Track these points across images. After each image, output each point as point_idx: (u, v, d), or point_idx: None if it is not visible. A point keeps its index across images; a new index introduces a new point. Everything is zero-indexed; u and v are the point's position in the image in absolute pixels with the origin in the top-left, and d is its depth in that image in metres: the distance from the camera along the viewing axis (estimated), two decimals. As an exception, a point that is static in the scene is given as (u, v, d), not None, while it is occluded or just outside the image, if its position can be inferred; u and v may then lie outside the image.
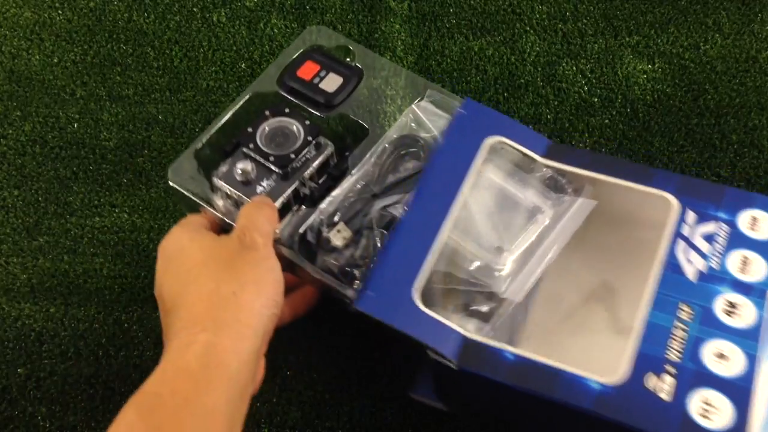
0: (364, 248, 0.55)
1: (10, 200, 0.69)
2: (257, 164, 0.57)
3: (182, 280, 0.50)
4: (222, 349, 0.46)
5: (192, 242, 0.52)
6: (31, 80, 0.76)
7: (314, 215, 0.56)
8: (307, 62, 0.63)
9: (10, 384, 0.61)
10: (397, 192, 0.57)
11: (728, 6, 0.81)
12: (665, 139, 0.72)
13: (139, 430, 0.43)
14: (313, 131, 0.58)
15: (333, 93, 0.62)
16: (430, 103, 0.61)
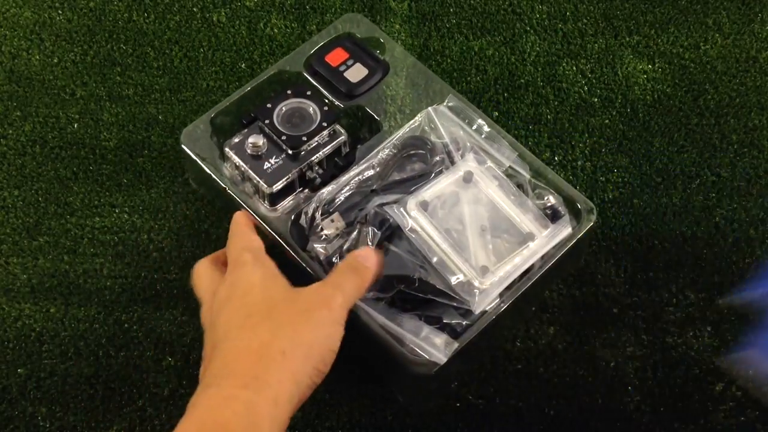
0: (353, 242, 0.55)
1: (10, 200, 0.69)
2: (270, 140, 0.58)
3: (240, 321, 0.48)
4: (260, 412, 0.45)
5: (264, 284, 0.50)
6: (31, 80, 0.76)
7: (313, 201, 0.56)
8: (337, 49, 0.63)
9: (10, 384, 0.61)
10: (397, 191, 0.57)
11: (728, 6, 0.81)
12: (665, 139, 0.72)
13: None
14: (330, 118, 0.59)
15: (355, 84, 0.62)
16: (448, 109, 0.61)
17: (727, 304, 0.64)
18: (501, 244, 0.55)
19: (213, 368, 0.46)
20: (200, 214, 0.68)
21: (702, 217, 0.68)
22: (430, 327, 0.52)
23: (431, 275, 0.53)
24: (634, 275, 0.66)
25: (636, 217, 0.68)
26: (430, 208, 0.56)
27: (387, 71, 0.63)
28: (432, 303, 0.53)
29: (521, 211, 0.56)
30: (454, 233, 0.55)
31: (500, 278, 0.54)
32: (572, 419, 0.59)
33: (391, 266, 0.54)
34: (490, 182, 0.57)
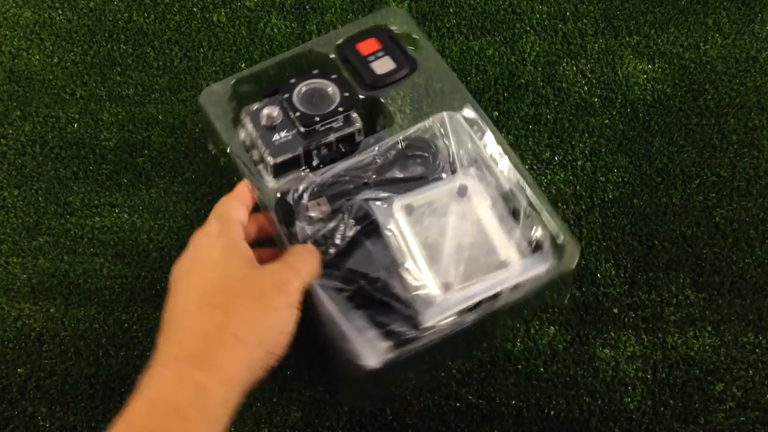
0: (331, 230, 0.55)
1: (10, 200, 0.69)
2: (285, 115, 0.58)
3: (197, 300, 0.49)
4: (212, 393, 0.46)
5: (224, 259, 0.50)
6: (31, 80, 0.76)
7: (304, 181, 0.56)
8: (370, 39, 0.63)
9: (10, 384, 0.61)
10: (389, 189, 0.56)
11: (728, 6, 0.81)
12: (665, 139, 0.72)
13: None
14: (348, 104, 0.59)
15: (380, 76, 0.62)
16: (463, 118, 0.60)
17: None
18: (474, 264, 0.54)
19: (167, 347, 0.47)
20: (200, 214, 0.68)
21: (702, 217, 0.68)
22: (377, 330, 0.52)
23: (394, 279, 0.53)
24: (634, 275, 0.66)
25: (636, 217, 0.68)
26: (416, 213, 0.55)
27: (414, 69, 0.62)
28: (387, 307, 0.53)
29: (505, 236, 0.55)
30: (431, 243, 0.54)
31: (461, 298, 0.52)
32: (572, 419, 0.59)
33: (359, 261, 0.54)
34: (482, 200, 0.56)
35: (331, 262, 0.54)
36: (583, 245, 0.67)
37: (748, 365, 0.62)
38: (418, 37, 0.64)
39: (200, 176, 0.70)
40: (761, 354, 0.62)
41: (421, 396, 0.60)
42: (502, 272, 0.53)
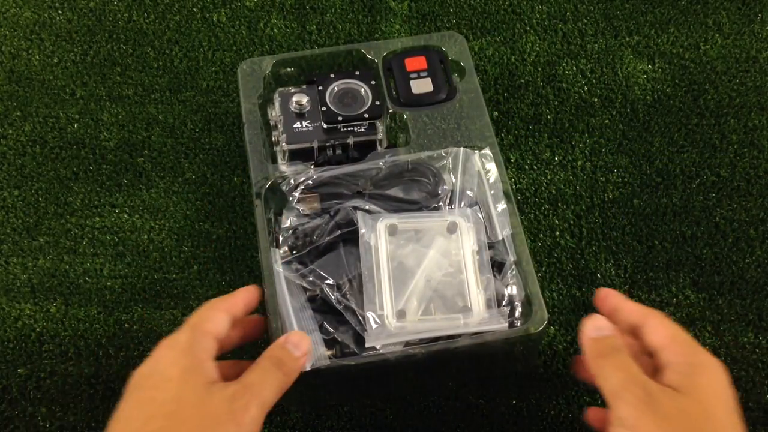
0: (313, 227, 0.55)
1: (10, 200, 0.69)
2: (313, 105, 0.59)
3: (141, 422, 0.44)
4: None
5: (181, 379, 0.45)
6: (31, 80, 0.76)
7: (302, 174, 0.56)
8: (420, 57, 0.63)
9: (10, 384, 0.61)
10: (381, 205, 0.56)
11: (728, 6, 0.81)
12: (665, 139, 0.72)
13: None
14: (375, 113, 0.59)
15: (415, 95, 0.62)
16: (477, 158, 0.58)
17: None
18: (437, 302, 0.53)
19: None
20: (200, 214, 0.68)
21: (702, 217, 0.68)
22: (322, 336, 0.51)
23: (354, 292, 0.52)
24: (634, 275, 0.66)
25: (636, 217, 0.68)
26: (399, 235, 0.54)
27: (451, 98, 0.62)
28: (340, 317, 0.52)
29: (478, 284, 0.53)
30: (402, 269, 0.53)
31: (411, 329, 0.51)
32: (572, 419, 0.59)
33: (328, 265, 0.53)
34: (469, 243, 0.54)
35: (304, 259, 0.54)
36: (583, 245, 0.67)
37: (748, 365, 0.62)
38: (467, 68, 0.64)
39: (200, 176, 0.70)
40: (761, 354, 0.62)
41: (421, 396, 0.60)
42: (462, 317, 0.52)
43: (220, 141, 0.72)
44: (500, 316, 0.52)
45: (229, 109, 0.74)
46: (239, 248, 0.66)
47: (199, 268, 0.66)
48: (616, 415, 0.45)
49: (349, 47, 0.65)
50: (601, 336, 0.49)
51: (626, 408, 0.45)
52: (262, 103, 0.62)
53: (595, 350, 0.48)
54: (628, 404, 0.45)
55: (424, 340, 0.51)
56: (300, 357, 0.48)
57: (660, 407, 0.44)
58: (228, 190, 0.69)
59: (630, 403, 0.45)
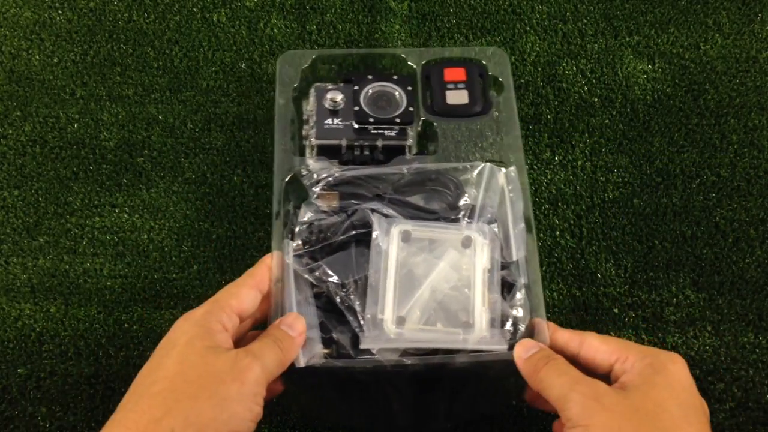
0: (328, 224, 0.54)
1: (10, 200, 0.69)
2: (347, 104, 0.59)
3: (143, 389, 0.45)
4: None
5: (187, 343, 0.45)
6: (31, 80, 0.76)
7: (325, 171, 0.56)
8: (460, 68, 0.63)
9: (10, 384, 0.61)
10: (398, 210, 0.55)
11: (728, 6, 0.81)
12: (665, 139, 0.72)
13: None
14: (407, 119, 0.59)
15: (448, 106, 0.62)
16: (503, 176, 0.57)
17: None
18: (439, 314, 0.52)
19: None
20: (200, 214, 0.68)
21: (702, 217, 0.68)
22: (321, 334, 0.51)
23: (358, 293, 0.52)
24: (634, 275, 0.66)
25: (636, 217, 0.68)
26: (412, 243, 0.53)
27: (485, 112, 0.62)
28: (341, 316, 0.52)
29: (484, 303, 0.52)
30: (410, 276, 0.53)
31: (408, 337, 0.50)
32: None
33: (337, 263, 0.53)
34: (481, 260, 0.53)
35: (316, 255, 0.53)
36: (583, 245, 0.67)
37: (748, 365, 0.62)
38: (506, 85, 0.63)
39: (200, 176, 0.70)
40: (761, 354, 0.62)
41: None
42: (462, 332, 0.51)
43: (220, 141, 0.72)
44: (502, 337, 0.51)
45: (229, 109, 0.74)
46: (239, 248, 0.66)
47: (199, 267, 0.66)
48: (566, 417, 0.45)
49: (390, 50, 0.66)
50: (533, 353, 0.49)
51: (575, 407, 0.44)
52: (297, 96, 0.62)
53: (532, 366, 0.48)
54: (576, 403, 0.45)
55: (421, 352, 0.51)
56: (295, 336, 0.48)
57: (609, 404, 0.44)
58: (228, 190, 0.69)
59: (578, 402, 0.45)
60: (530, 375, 0.48)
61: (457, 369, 0.51)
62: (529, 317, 0.52)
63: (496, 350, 0.51)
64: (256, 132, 0.73)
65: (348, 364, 0.50)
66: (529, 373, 0.48)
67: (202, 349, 0.45)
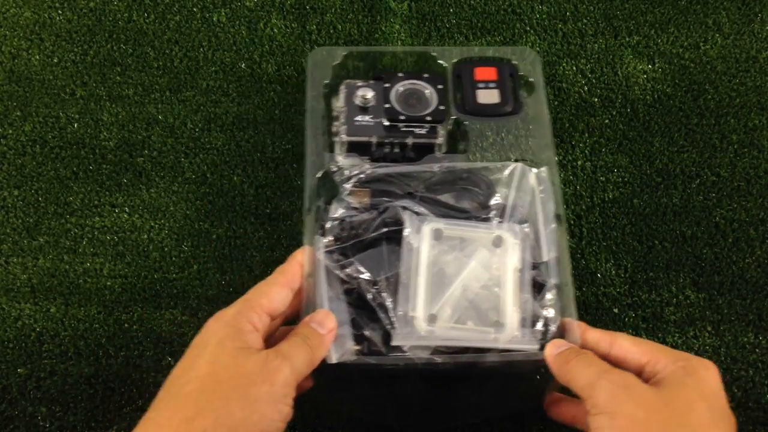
0: (359, 221, 0.54)
1: (10, 200, 0.69)
2: (378, 101, 0.60)
3: (176, 388, 0.45)
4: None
5: (218, 344, 0.46)
6: (31, 80, 0.76)
7: (356, 167, 0.56)
8: (491, 68, 0.63)
9: (10, 384, 0.61)
10: (429, 208, 0.55)
11: (728, 6, 0.81)
12: (665, 139, 0.72)
13: None
14: (438, 117, 0.59)
15: (479, 105, 0.61)
16: (535, 176, 0.57)
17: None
18: (471, 312, 0.52)
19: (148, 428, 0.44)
20: (200, 214, 0.68)
21: (702, 217, 0.68)
22: (353, 330, 0.51)
23: (389, 290, 0.52)
24: (634, 275, 0.66)
25: (636, 217, 0.68)
26: (443, 241, 0.53)
27: (516, 112, 0.62)
28: (372, 313, 0.52)
29: (514, 301, 0.52)
30: (441, 275, 0.53)
31: (440, 335, 0.50)
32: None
33: (368, 260, 0.53)
34: (512, 260, 0.53)
35: (346, 251, 0.53)
36: (583, 245, 0.67)
37: (748, 365, 0.62)
38: (537, 85, 0.63)
39: (200, 176, 0.70)
40: (761, 354, 0.62)
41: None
42: (494, 331, 0.51)
43: (220, 141, 0.72)
44: (533, 337, 0.51)
45: (229, 109, 0.74)
46: (239, 248, 0.66)
47: (199, 267, 0.66)
48: (592, 403, 0.45)
49: (421, 49, 0.66)
50: (563, 349, 0.49)
51: (603, 394, 0.44)
52: (328, 92, 0.62)
53: (561, 360, 0.48)
54: (604, 390, 0.44)
55: (451, 350, 0.51)
56: (325, 334, 0.48)
57: (638, 395, 0.44)
58: (228, 190, 0.69)
59: (606, 389, 0.44)
60: (559, 367, 0.48)
61: (487, 369, 0.51)
62: (559, 318, 0.52)
63: (527, 350, 0.51)
64: (256, 132, 0.73)
65: (380, 361, 0.50)
66: (558, 366, 0.48)
67: (233, 350, 0.45)
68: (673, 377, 0.46)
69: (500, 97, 0.62)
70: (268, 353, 0.46)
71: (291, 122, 0.73)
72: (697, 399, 0.45)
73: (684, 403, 0.44)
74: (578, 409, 0.53)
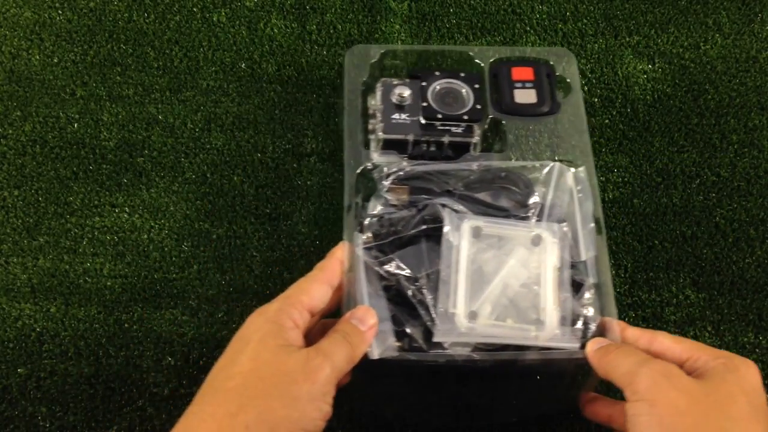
0: (398, 218, 0.54)
1: (10, 200, 0.69)
2: (414, 100, 0.60)
3: (219, 383, 0.46)
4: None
5: (260, 341, 0.46)
6: (31, 80, 0.76)
7: (395, 165, 0.57)
8: (528, 67, 0.63)
9: (11, 384, 0.61)
10: (468, 207, 0.55)
11: (728, 6, 0.81)
12: (665, 139, 0.72)
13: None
14: (475, 116, 0.60)
15: (517, 104, 0.62)
16: (572, 176, 0.57)
17: (727, 304, 0.64)
18: (510, 310, 0.52)
19: (193, 421, 0.45)
20: (200, 214, 0.68)
21: (702, 217, 0.68)
22: (393, 327, 0.51)
23: (430, 287, 0.52)
24: (634, 275, 0.66)
25: (636, 217, 0.68)
26: (482, 239, 0.53)
27: (553, 112, 0.62)
28: (413, 310, 0.52)
29: (554, 300, 0.52)
30: (481, 272, 0.53)
31: (481, 332, 0.50)
32: (573, 419, 0.59)
33: (408, 257, 0.53)
34: (551, 259, 0.53)
35: (384, 248, 0.54)
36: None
37: (748, 365, 0.62)
38: (574, 86, 0.63)
39: (200, 176, 0.70)
40: (761, 354, 0.62)
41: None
42: (534, 329, 0.51)
43: (220, 141, 0.72)
44: (573, 335, 0.51)
45: (229, 109, 0.74)
46: (239, 248, 0.66)
47: (199, 267, 0.66)
48: (633, 390, 0.45)
49: (458, 48, 0.66)
50: (604, 345, 0.49)
51: (644, 381, 0.44)
52: (364, 90, 0.63)
53: (602, 352, 0.49)
54: (646, 377, 0.45)
55: (491, 347, 0.51)
56: (366, 330, 0.49)
57: (679, 384, 0.44)
58: (228, 190, 0.69)
59: (648, 376, 0.45)
60: (599, 359, 0.48)
61: (527, 367, 0.52)
62: (599, 317, 0.52)
63: (567, 348, 0.51)
64: (256, 132, 0.73)
65: (421, 358, 0.50)
66: (599, 357, 0.48)
67: (275, 347, 0.46)
68: (714, 372, 0.46)
69: (537, 97, 0.62)
70: (309, 351, 0.46)
71: (291, 122, 0.73)
72: (738, 393, 0.45)
73: (725, 395, 0.44)
74: (615, 409, 0.53)
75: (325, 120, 0.73)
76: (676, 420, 0.43)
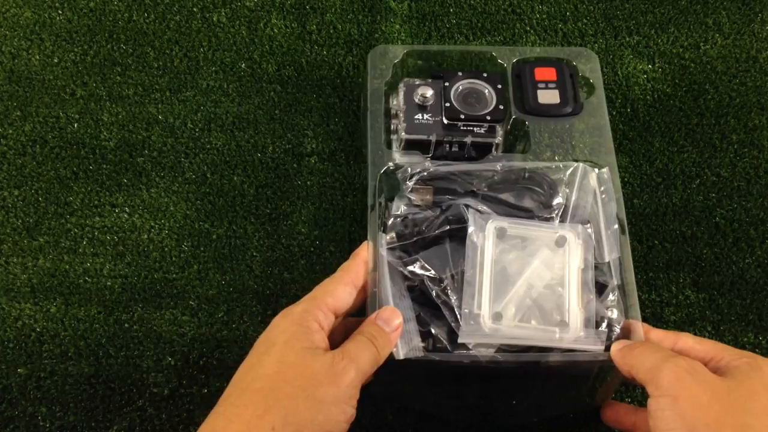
0: (422, 218, 0.54)
1: (10, 200, 0.69)
2: (437, 100, 0.60)
3: (245, 384, 0.46)
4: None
5: (286, 343, 0.47)
6: (31, 80, 0.76)
7: (419, 166, 0.57)
8: (551, 68, 0.63)
9: (11, 384, 0.61)
10: (492, 207, 0.55)
11: (728, 6, 0.81)
12: (665, 139, 0.72)
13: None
14: (497, 116, 0.59)
15: (540, 105, 0.62)
16: (596, 177, 0.57)
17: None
18: (535, 311, 0.52)
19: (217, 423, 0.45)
20: (200, 214, 0.68)
21: (702, 217, 0.68)
22: (418, 327, 0.51)
23: (455, 288, 0.52)
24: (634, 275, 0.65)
25: (636, 217, 0.68)
26: (506, 240, 0.53)
27: (576, 113, 0.62)
28: (437, 310, 0.52)
29: (578, 301, 0.52)
30: (505, 273, 0.53)
31: (505, 333, 0.50)
32: (573, 419, 0.59)
33: (432, 257, 0.53)
34: (575, 260, 0.53)
35: (408, 248, 0.54)
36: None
37: (748, 365, 0.62)
38: (597, 86, 0.63)
39: (200, 176, 0.70)
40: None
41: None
42: (558, 331, 0.51)
43: (220, 141, 0.72)
44: (597, 338, 0.51)
45: (229, 109, 0.74)
46: (239, 248, 0.66)
47: (199, 267, 0.66)
48: (656, 385, 0.45)
49: (481, 48, 0.66)
50: (628, 344, 0.50)
51: (668, 376, 0.45)
52: (386, 90, 0.63)
53: (625, 350, 0.49)
54: (670, 372, 0.45)
55: (515, 348, 0.51)
56: (391, 332, 0.49)
57: (703, 380, 0.44)
58: (228, 190, 0.69)
59: (671, 371, 0.45)
60: (623, 356, 0.48)
61: (550, 368, 0.52)
62: (623, 319, 0.52)
63: (592, 350, 0.51)
64: (256, 132, 0.73)
65: (445, 358, 0.50)
66: (623, 355, 0.48)
67: (301, 350, 0.46)
68: (737, 370, 0.46)
69: (560, 97, 0.62)
70: (335, 354, 0.46)
71: (291, 122, 0.73)
72: (761, 390, 0.45)
73: (748, 392, 0.45)
74: (638, 416, 0.53)
75: (325, 120, 0.73)
76: (698, 415, 0.43)
